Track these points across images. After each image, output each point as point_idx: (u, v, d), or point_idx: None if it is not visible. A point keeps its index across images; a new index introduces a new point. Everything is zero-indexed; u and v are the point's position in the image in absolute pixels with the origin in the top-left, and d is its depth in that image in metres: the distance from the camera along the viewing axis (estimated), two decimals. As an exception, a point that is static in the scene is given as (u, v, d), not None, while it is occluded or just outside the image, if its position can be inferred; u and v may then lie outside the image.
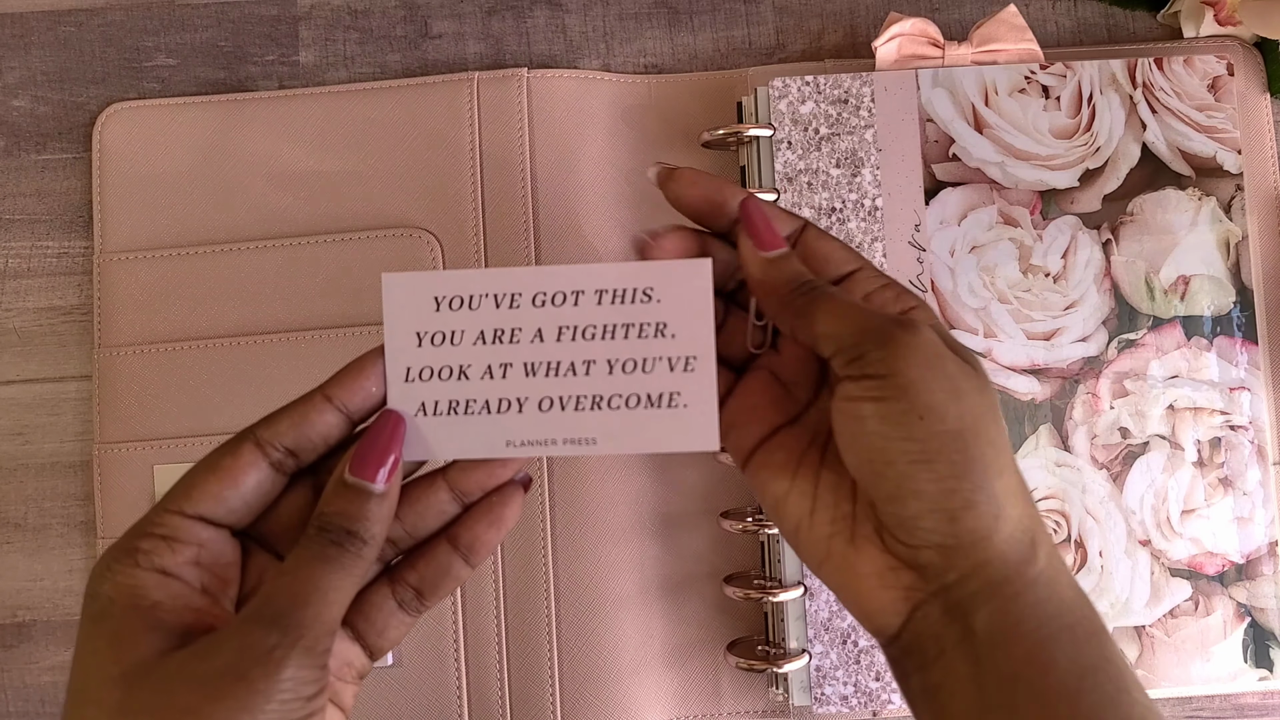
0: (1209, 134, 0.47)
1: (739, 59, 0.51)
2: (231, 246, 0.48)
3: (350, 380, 0.30)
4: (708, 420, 0.30)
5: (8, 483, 0.49)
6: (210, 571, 0.28)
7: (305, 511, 0.30)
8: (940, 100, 0.47)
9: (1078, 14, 0.52)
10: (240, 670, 0.25)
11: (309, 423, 0.29)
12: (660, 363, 0.30)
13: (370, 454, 0.29)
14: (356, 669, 0.31)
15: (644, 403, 0.30)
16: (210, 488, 0.28)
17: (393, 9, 0.51)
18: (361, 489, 0.28)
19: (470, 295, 0.31)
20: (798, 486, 0.31)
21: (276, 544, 0.30)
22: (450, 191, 0.49)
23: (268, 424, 0.29)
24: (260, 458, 0.29)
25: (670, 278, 0.30)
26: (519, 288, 0.30)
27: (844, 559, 0.30)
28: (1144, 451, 0.46)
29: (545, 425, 0.30)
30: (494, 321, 0.31)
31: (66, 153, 0.50)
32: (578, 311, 0.30)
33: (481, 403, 0.30)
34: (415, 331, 0.31)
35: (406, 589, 0.31)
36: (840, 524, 0.30)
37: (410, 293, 0.31)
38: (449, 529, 0.31)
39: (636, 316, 0.30)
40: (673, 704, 0.47)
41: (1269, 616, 0.46)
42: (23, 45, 0.51)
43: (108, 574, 0.28)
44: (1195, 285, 0.47)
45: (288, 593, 0.27)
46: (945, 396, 0.28)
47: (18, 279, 0.50)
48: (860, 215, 0.46)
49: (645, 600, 0.47)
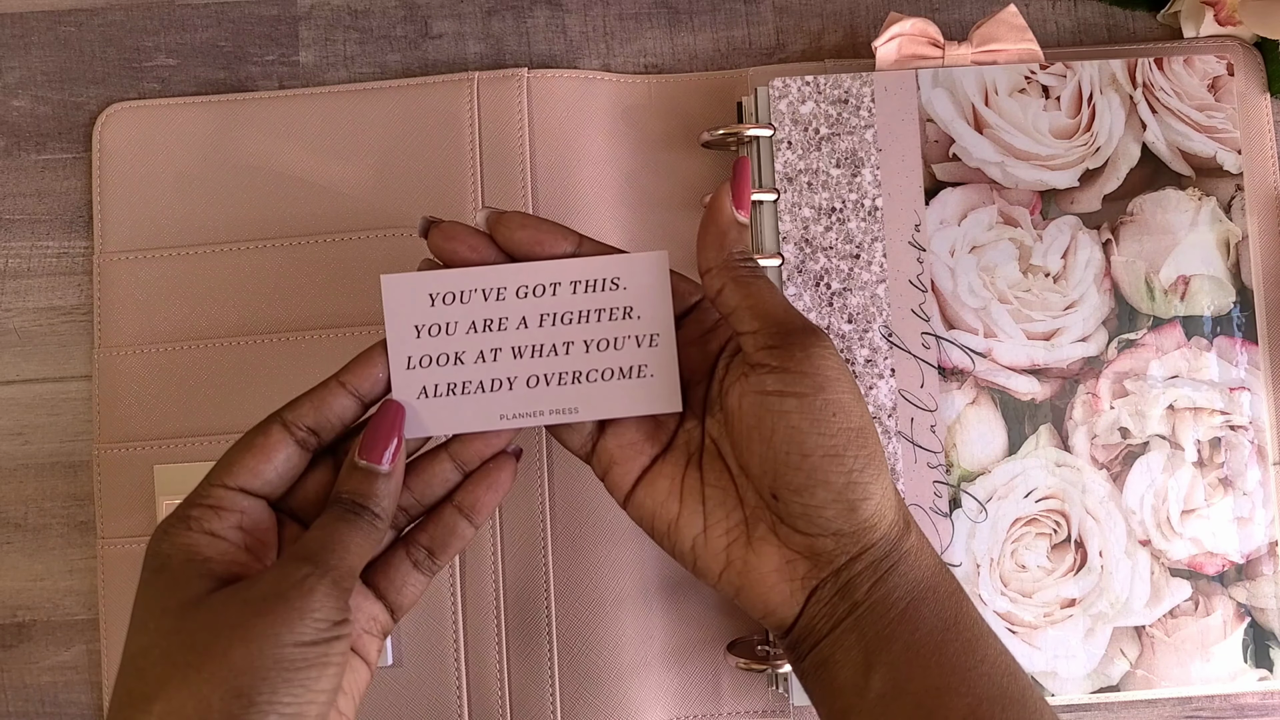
0: (1209, 134, 0.47)
1: (739, 59, 0.51)
2: (231, 246, 0.48)
3: (361, 368, 0.34)
4: (671, 386, 0.35)
5: (8, 483, 0.49)
6: (252, 535, 0.33)
7: (328, 486, 0.34)
8: (940, 100, 0.47)
9: (1078, 14, 0.52)
10: (280, 592, 0.29)
11: (327, 405, 0.34)
12: (629, 340, 0.35)
13: (376, 439, 0.33)
14: (381, 624, 0.35)
15: (617, 375, 0.35)
16: (248, 462, 0.33)
17: (393, 9, 0.51)
18: (370, 470, 0.33)
19: (461, 290, 0.35)
20: (687, 507, 0.35)
21: (305, 516, 0.34)
22: (450, 191, 0.49)
23: (292, 407, 0.33)
24: (287, 436, 0.33)
25: (634, 268, 0.35)
26: (504, 282, 0.35)
27: (744, 563, 0.34)
28: (1144, 451, 0.46)
29: (533, 399, 0.35)
30: (483, 312, 0.35)
31: (66, 153, 0.50)
32: (556, 300, 0.35)
33: (476, 383, 0.35)
34: (414, 324, 0.35)
35: (419, 549, 0.36)
36: (735, 531, 0.34)
37: (407, 291, 0.35)
38: (453, 495, 0.36)
39: (606, 302, 0.35)
40: (673, 704, 0.47)
41: (1269, 616, 0.46)
42: (23, 45, 0.51)
43: (165, 537, 0.32)
44: (1195, 285, 0.47)
45: (316, 541, 0.31)
46: (851, 397, 0.32)
47: (18, 279, 0.50)
48: (860, 215, 0.46)
49: (645, 600, 0.47)
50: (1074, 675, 0.45)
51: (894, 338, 0.46)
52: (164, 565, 0.31)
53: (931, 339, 0.46)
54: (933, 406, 0.46)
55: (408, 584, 0.35)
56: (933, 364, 0.46)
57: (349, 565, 0.31)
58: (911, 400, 0.46)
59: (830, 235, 0.46)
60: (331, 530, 0.32)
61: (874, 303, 0.46)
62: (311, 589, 0.30)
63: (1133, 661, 0.45)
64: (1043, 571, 0.46)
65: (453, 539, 0.36)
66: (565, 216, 0.49)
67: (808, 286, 0.46)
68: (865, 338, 0.46)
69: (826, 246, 0.46)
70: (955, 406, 0.46)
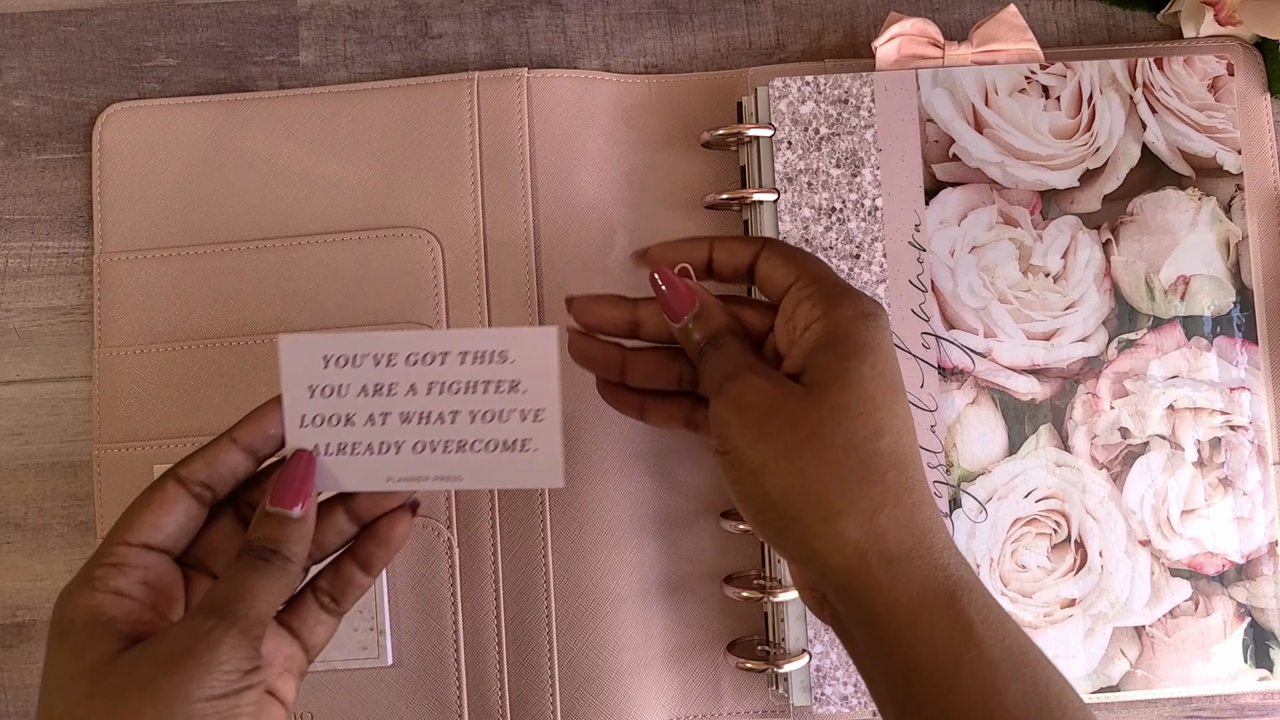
0: (1209, 134, 0.47)
1: (739, 59, 0.51)
2: (231, 246, 0.48)
3: (253, 425, 0.35)
4: (553, 462, 0.35)
5: (8, 483, 0.49)
6: (157, 590, 0.33)
7: (228, 536, 0.35)
8: (940, 100, 0.47)
9: (1078, 14, 0.52)
10: (186, 647, 0.30)
11: (220, 461, 0.35)
12: (514, 414, 0.35)
13: (288, 487, 0.34)
14: (298, 664, 0.36)
15: (500, 447, 0.35)
16: (147, 518, 0.33)
17: (393, 9, 0.51)
18: (282, 516, 0.34)
19: (354, 354, 0.35)
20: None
21: (211, 566, 0.35)
22: (450, 191, 0.49)
23: (185, 464, 0.34)
24: (183, 491, 0.34)
25: (521, 342, 0.35)
26: (394, 349, 0.35)
27: None
28: (1144, 451, 0.46)
29: (418, 464, 0.36)
30: (374, 377, 0.35)
31: (66, 153, 0.50)
32: (444, 369, 0.35)
33: (365, 445, 0.36)
34: (308, 385, 0.36)
35: (323, 594, 0.37)
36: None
37: (304, 352, 0.36)
38: (351, 547, 0.37)
39: (493, 375, 0.35)
40: (673, 704, 0.47)
41: (1269, 616, 0.46)
42: (23, 45, 0.51)
43: (69, 601, 0.32)
44: (1195, 285, 0.47)
45: (223, 592, 0.32)
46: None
47: (18, 279, 0.50)
48: (860, 215, 0.46)
49: (645, 600, 0.47)
50: (1074, 675, 0.45)
51: (894, 338, 0.46)
52: (69, 629, 0.31)
53: (931, 339, 0.46)
54: (933, 406, 0.46)
55: (319, 624, 0.37)
56: (933, 364, 0.46)
57: (258, 613, 0.32)
58: (911, 400, 0.46)
59: (830, 235, 0.46)
60: (240, 579, 0.32)
61: (874, 303, 0.46)
62: (219, 641, 0.30)
63: (1133, 661, 0.45)
64: (1043, 571, 0.46)
65: (350, 588, 0.37)
66: (565, 216, 0.49)
67: (808, 286, 0.46)
68: (865, 338, 0.46)
69: (826, 246, 0.46)
70: (955, 406, 0.46)
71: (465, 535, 0.47)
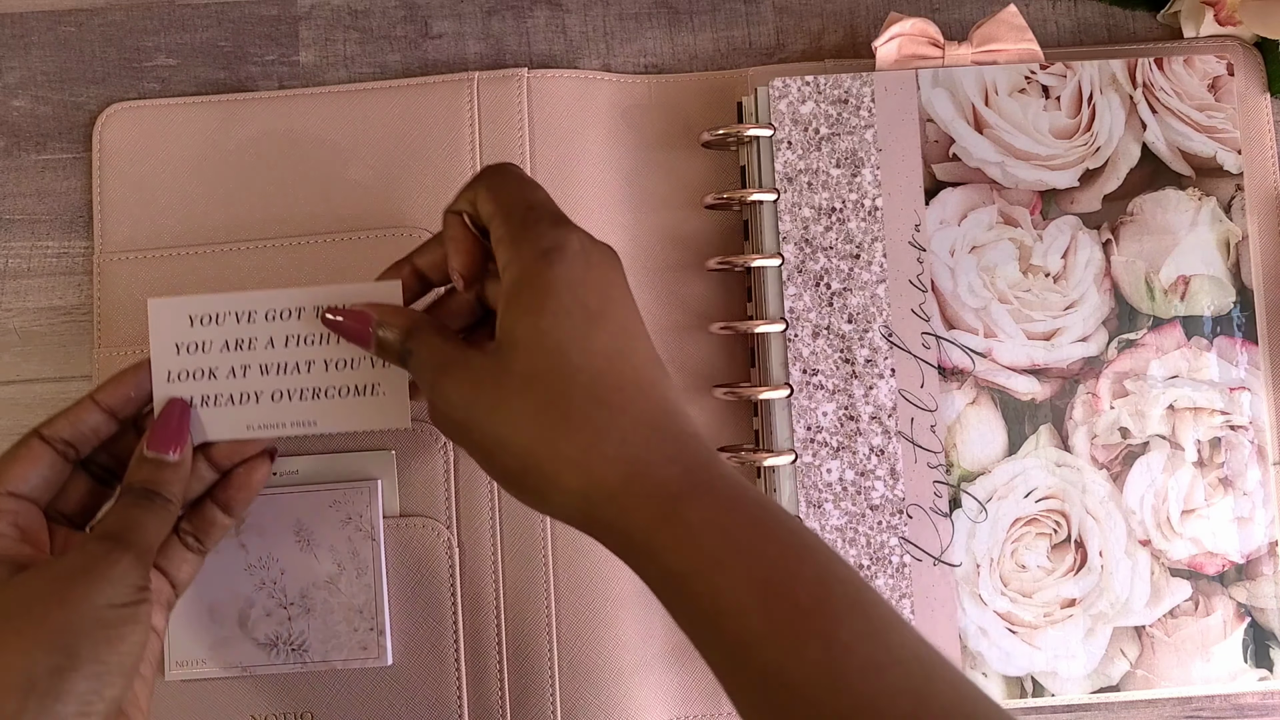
0: (1209, 134, 0.47)
1: (739, 59, 0.51)
2: (231, 246, 0.48)
3: (114, 387, 0.38)
4: (401, 404, 0.39)
5: (8, 483, 0.49)
6: (26, 533, 0.36)
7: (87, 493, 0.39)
8: (940, 100, 0.47)
9: (1078, 14, 0.52)
10: (88, 564, 0.33)
11: (81, 420, 0.37)
12: (364, 361, 0.39)
13: (165, 434, 0.37)
14: (165, 597, 0.39)
15: (352, 392, 0.39)
16: (15, 469, 0.36)
17: (393, 9, 0.51)
18: (160, 460, 0.37)
19: (216, 313, 0.39)
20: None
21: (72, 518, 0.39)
22: (450, 191, 0.48)
23: (49, 423, 0.37)
24: (47, 448, 0.37)
25: (369, 295, 0.38)
26: (255, 306, 0.39)
27: None
28: (1144, 451, 0.46)
29: (277, 412, 0.39)
30: (235, 333, 0.39)
31: (66, 153, 0.50)
32: (301, 324, 0.39)
33: (227, 396, 0.39)
34: (174, 343, 0.39)
35: (187, 535, 0.40)
36: None
37: (171, 313, 0.39)
38: (213, 491, 0.40)
39: None
40: (673, 704, 0.47)
41: (1269, 616, 0.46)
42: (23, 45, 0.51)
43: None
44: (1195, 285, 0.47)
45: (116, 522, 0.36)
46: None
47: (18, 279, 0.50)
48: (860, 215, 0.46)
49: (645, 600, 0.47)
50: (1074, 675, 0.45)
51: (894, 338, 0.46)
52: None
53: (931, 339, 0.46)
54: (933, 406, 0.46)
55: (185, 562, 0.40)
56: (933, 364, 0.46)
57: (148, 542, 0.35)
58: (911, 400, 0.46)
59: (830, 235, 0.46)
60: (128, 514, 0.36)
61: (874, 303, 0.46)
62: (118, 559, 0.34)
63: (1133, 661, 0.45)
64: (1043, 571, 0.46)
65: (213, 529, 0.40)
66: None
67: (808, 286, 0.46)
68: (865, 338, 0.46)
69: (826, 246, 0.46)
70: (955, 406, 0.46)
71: (465, 535, 0.47)
